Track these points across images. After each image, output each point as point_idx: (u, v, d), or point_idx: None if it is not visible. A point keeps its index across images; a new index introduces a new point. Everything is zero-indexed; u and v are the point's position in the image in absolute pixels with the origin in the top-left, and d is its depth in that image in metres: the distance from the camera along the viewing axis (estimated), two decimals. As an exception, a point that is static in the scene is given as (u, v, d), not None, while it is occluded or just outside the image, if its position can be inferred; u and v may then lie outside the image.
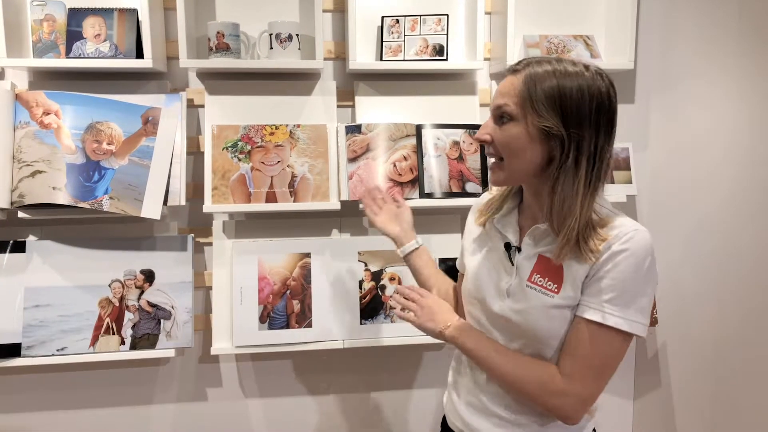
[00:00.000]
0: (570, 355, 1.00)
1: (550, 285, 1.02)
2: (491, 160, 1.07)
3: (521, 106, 0.99)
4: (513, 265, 1.08)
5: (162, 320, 1.69)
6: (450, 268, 1.42)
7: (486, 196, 1.23)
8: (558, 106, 0.97)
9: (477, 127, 1.81)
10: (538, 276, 1.04)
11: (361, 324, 1.78)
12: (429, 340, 1.79)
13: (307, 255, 1.78)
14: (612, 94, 1.00)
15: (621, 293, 0.96)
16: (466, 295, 1.17)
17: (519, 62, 1.03)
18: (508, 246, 1.10)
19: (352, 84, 1.82)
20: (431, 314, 1.14)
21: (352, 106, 1.83)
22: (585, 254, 0.98)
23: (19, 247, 1.67)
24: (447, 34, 1.76)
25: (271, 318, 1.74)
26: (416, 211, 1.81)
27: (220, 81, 1.76)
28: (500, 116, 1.02)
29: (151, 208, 1.61)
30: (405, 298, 1.19)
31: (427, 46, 1.76)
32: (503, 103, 1.01)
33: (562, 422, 1.03)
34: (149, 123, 1.65)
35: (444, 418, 1.29)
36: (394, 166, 1.74)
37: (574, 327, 1.00)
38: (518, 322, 1.04)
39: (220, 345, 1.74)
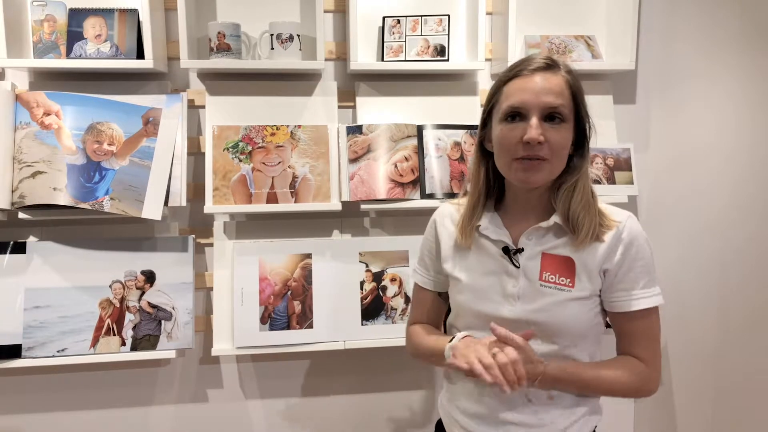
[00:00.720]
0: (643, 344, 1.08)
1: (563, 280, 1.04)
2: (530, 160, 1.00)
3: (570, 108, 1.03)
4: (518, 267, 1.07)
5: (163, 321, 1.69)
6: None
7: (453, 206, 1.19)
8: (584, 104, 1.05)
9: (478, 127, 1.80)
10: (549, 274, 1.05)
11: (362, 325, 1.78)
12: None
13: (308, 256, 1.78)
14: None
15: (648, 275, 1.06)
16: (466, 309, 1.12)
17: (548, 58, 1.04)
18: (506, 250, 1.08)
19: (353, 84, 1.82)
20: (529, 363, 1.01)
21: (353, 107, 1.83)
22: (596, 243, 1.04)
23: (20, 248, 1.66)
24: (448, 35, 1.76)
25: (272, 319, 1.73)
26: (417, 212, 1.82)
27: (220, 81, 1.75)
28: (551, 116, 1.00)
29: (152, 209, 1.61)
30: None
31: (428, 47, 1.76)
32: (559, 103, 1.00)
33: (647, 396, 1.11)
34: (150, 123, 1.65)
35: (438, 423, 1.27)
36: (396, 166, 1.73)
37: (629, 320, 1.07)
38: (538, 321, 1.04)
39: (221, 346, 1.74)
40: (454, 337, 1.09)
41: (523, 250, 1.07)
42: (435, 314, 1.26)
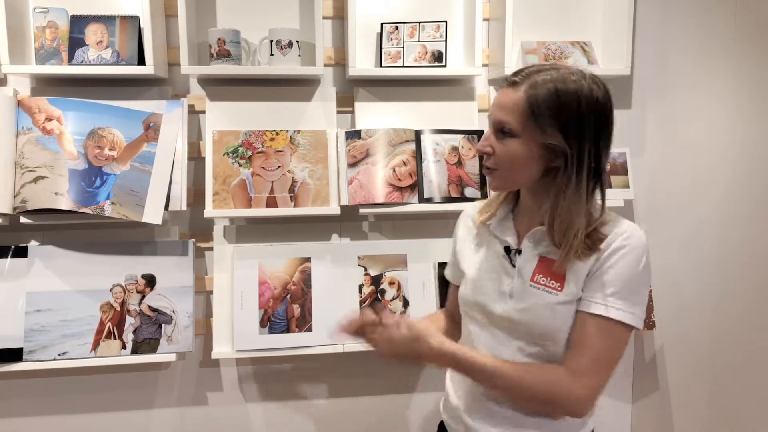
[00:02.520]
0: (576, 351, 1.02)
1: (552, 284, 1.05)
2: (487, 169, 1.09)
3: (523, 124, 1.01)
4: (514, 267, 1.09)
5: (163, 325, 1.70)
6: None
7: (477, 205, 1.25)
8: (560, 122, 0.99)
9: (476, 132, 1.82)
10: (541, 276, 1.06)
11: (360, 328, 1.79)
12: (428, 343, 1.80)
13: (308, 259, 1.79)
14: (609, 101, 1.03)
15: (623, 287, 1.00)
16: (465, 301, 1.18)
17: (517, 73, 1.04)
18: (508, 249, 1.12)
19: (352, 90, 1.84)
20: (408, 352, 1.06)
21: (352, 112, 1.85)
22: (587, 253, 1.02)
23: (21, 252, 1.68)
24: (446, 41, 1.78)
25: (271, 322, 1.75)
26: (415, 216, 1.84)
27: (221, 87, 1.77)
28: (501, 130, 1.04)
29: (153, 214, 1.62)
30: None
31: (426, 53, 1.78)
32: (505, 120, 1.02)
33: (571, 416, 1.05)
34: (150, 129, 1.67)
35: (441, 424, 1.29)
36: (394, 171, 1.75)
37: (578, 323, 1.03)
38: (523, 320, 1.06)
39: (221, 349, 1.75)
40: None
41: (521, 251, 1.10)
42: (451, 306, 1.34)
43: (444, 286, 1.82)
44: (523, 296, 1.07)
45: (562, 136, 1.00)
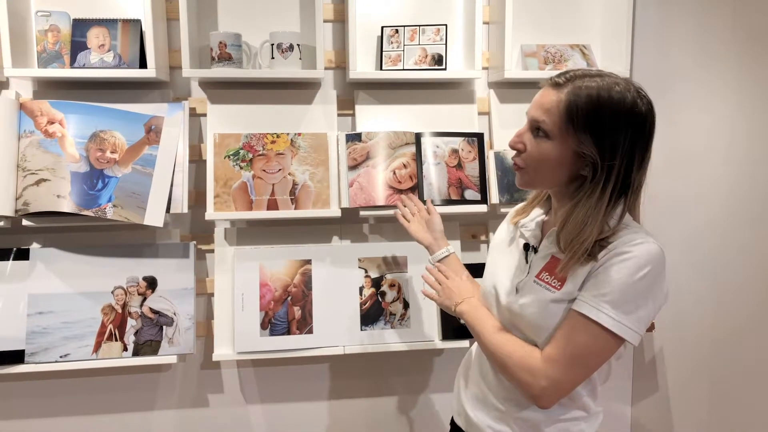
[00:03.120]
0: (554, 340, 1.02)
1: (554, 282, 1.06)
2: (515, 164, 1.09)
3: (559, 127, 1.00)
4: (527, 263, 1.12)
5: (164, 327, 1.71)
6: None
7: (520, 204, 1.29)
8: (596, 131, 0.97)
9: (475, 135, 1.83)
10: (546, 274, 1.07)
11: (361, 330, 1.80)
12: (428, 345, 1.81)
13: (308, 262, 1.80)
14: (651, 117, 1.00)
15: (615, 293, 0.96)
16: (484, 290, 1.22)
17: (562, 75, 1.02)
18: (527, 246, 1.15)
19: (353, 93, 1.85)
20: (449, 293, 1.25)
21: (353, 115, 1.86)
22: (587, 259, 1.01)
23: (23, 255, 1.68)
24: (446, 44, 1.78)
25: (272, 324, 1.75)
26: (416, 218, 1.84)
27: (222, 90, 1.78)
28: (536, 129, 1.03)
29: (154, 216, 1.63)
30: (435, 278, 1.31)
31: (426, 56, 1.79)
32: (542, 119, 1.01)
33: (532, 403, 1.05)
34: (152, 132, 1.68)
35: (453, 419, 1.32)
36: (394, 173, 1.76)
37: (566, 317, 1.02)
38: (518, 313, 1.09)
39: (222, 351, 1.75)
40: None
41: (537, 250, 1.12)
42: None
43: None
44: (526, 291, 1.09)
45: (596, 146, 0.97)
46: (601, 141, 0.97)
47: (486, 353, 1.14)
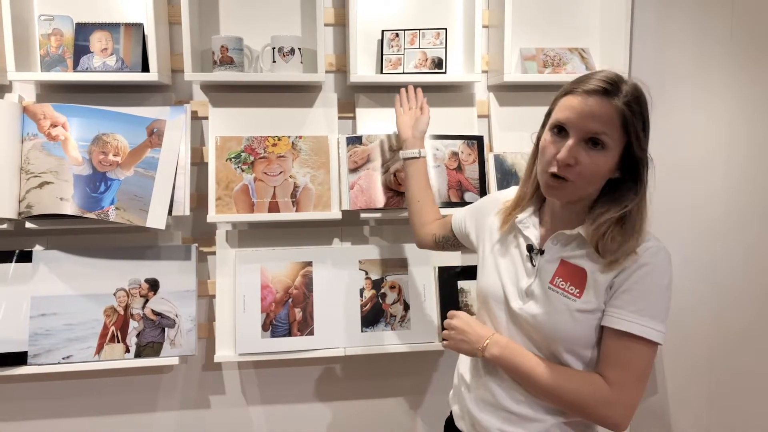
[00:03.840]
0: (613, 365, 1.02)
1: (572, 289, 1.05)
2: (556, 178, 1.04)
3: (617, 139, 1.00)
4: (534, 267, 1.10)
5: (166, 328, 1.72)
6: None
7: (509, 194, 1.25)
8: (645, 133, 1.01)
9: (475, 138, 1.84)
10: (561, 280, 1.06)
11: (362, 332, 1.81)
12: (428, 347, 1.82)
13: (309, 264, 1.81)
14: None
15: (644, 302, 1.01)
16: (486, 292, 1.18)
17: (609, 81, 0.99)
18: (530, 248, 1.12)
19: (353, 96, 1.86)
20: (465, 336, 1.16)
21: (353, 118, 1.87)
22: (614, 265, 1.02)
23: (26, 257, 1.69)
24: (446, 48, 1.80)
25: (273, 326, 1.76)
26: (416, 221, 1.85)
27: (223, 93, 1.79)
28: (592, 141, 1.00)
29: (156, 218, 1.64)
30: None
31: (426, 59, 1.80)
32: (602, 131, 0.99)
33: (609, 428, 1.04)
34: (154, 135, 1.69)
35: (447, 420, 1.31)
36: (394, 176, 1.77)
37: (609, 337, 1.03)
38: (540, 324, 1.07)
39: (223, 353, 1.77)
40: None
41: (544, 252, 1.10)
42: (440, 225, 1.47)
43: (443, 290, 1.85)
44: (542, 299, 1.08)
45: (642, 149, 1.01)
46: (646, 140, 1.02)
47: (541, 393, 1.08)
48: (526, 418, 1.10)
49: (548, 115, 1.09)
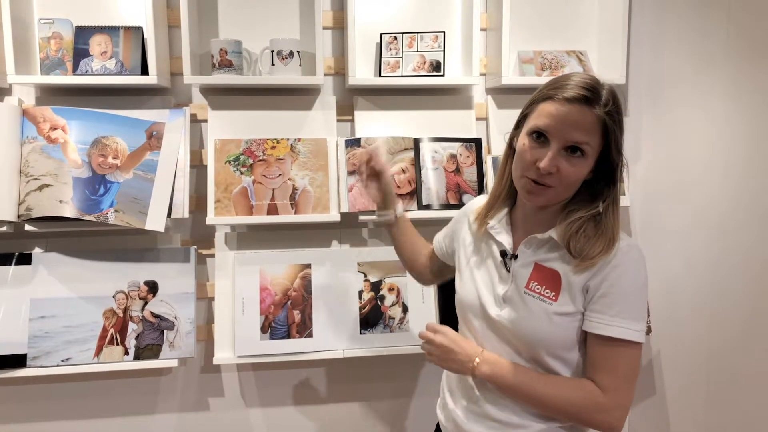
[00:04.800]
0: (602, 371, 1.03)
1: (547, 293, 1.05)
2: (536, 184, 1.04)
3: (596, 146, 1.01)
4: (509, 272, 1.10)
5: (165, 331, 1.72)
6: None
7: (479, 202, 1.25)
8: (621, 137, 1.03)
9: (473, 140, 1.85)
10: (536, 284, 1.07)
11: (360, 334, 1.81)
12: (427, 349, 1.82)
13: (308, 266, 1.81)
14: None
15: (623, 305, 1.01)
16: (464, 303, 1.18)
17: (592, 91, 0.99)
18: (503, 253, 1.12)
19: (352, 99, 1.87)
20: (447, 353, 1.12)
21: (352, 121, 1.87)
22: (587, 266, 1.03)
23: (25, 259, 1.70)
24: (444, 51, 1.80)
25: (272, 328, 1.77)
26: (414, 223, 1.86)
27: (222, 96, 1.80)
28: (572, 149, 1.00)
29: (155, 221, 1.64)
30: (425, 340, 1.17)
31: (425, 62, 1.81)
32: (584, 140, 0.99)
33: (598, 428, 1.05)
34: (153, 137, 1.69)
35: (436, 429, 1.31)
36: (393, 178, 1.77)
37: (594, 343, 1.04)
38: (518, 328, 1.07)
39: (222, 355, 1.77)
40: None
41: (517, 257, 1.10)
42: (428, 257, 1.46)
43: (443, 293, 1.85)
44: (517, 303, 1.08)
45: (620, 152, 1.03)
46: (622, 146, 1.03)
47: (536, 406, 1.07)
48: (512, 425, 1.10)
49: (524, 117, 1.09)
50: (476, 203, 1.26)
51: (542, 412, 1.08)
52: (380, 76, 1.81)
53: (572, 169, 1.01)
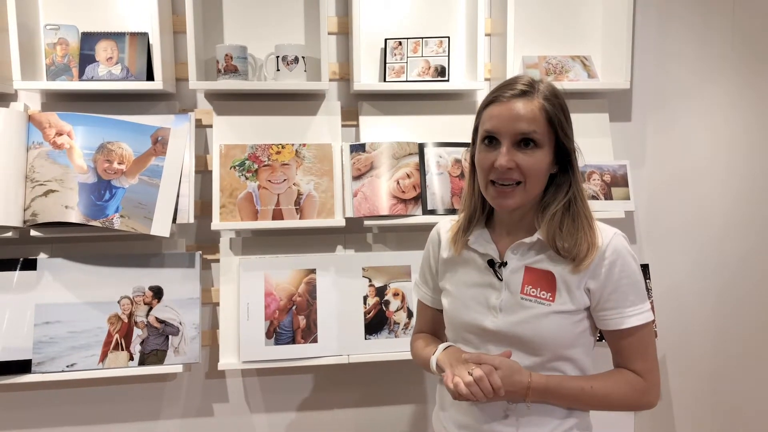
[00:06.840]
0: (636, 358, 1.09)
1: (543, 294, 1.07)
2: (505, 185, 1.05)
3: (547, 134, 1.04)
4: (501, 280, 1.10)
5: (170, 336, 1.72)
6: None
7: (447, 224, 1.23)
8: (569, 125, 1.07)
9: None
10: (531, 287, 1.07)
11: (365, 339, 1.81)
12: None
13: (313, 271, 1.81)
14: None
15: (635, 291, 1.07)
16: (454, 321, 1.16)
17: (526, 84, 1.05)
18: (491, 263, 1.12)
19: (357, 104, 1.87)
20: (499, 391, 1.02)
21: (357, 126, 1.88)
22: (581, 262, 1.05)
23: (30, 265, 1.70)
24: (448, 56, 1.81)
25: (277, 333, 1.76)
26: (419, 228, 1.86)
27: (227, 102, 1.80)
28: (524, 142, 1.03)
29: (161, 226, 1.64)
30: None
31: (429, 68, 1.81)
32: (530, 130, 1.03)
33: (646, 409, 1.12)
34: (159, 143, 1.70)
35: None
36: (398, 183, 1.78)
37: (620, 337, 1.08)
38: (518, 333, 1.07)
39: (227, 360, 1.76)
40: (437, 349, 1.16)
41: (506, 263, 1.10)
42: (437, 325, 1.31)
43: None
44: (515, 309, 1.08)
45: (571, 139, 1.07)
46: (570, 131, 1.07)
47: (593, 408, 1.12)
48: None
49: (475, 131, 1.12)
50: (443, 227, 1.25)
51: (598, 410, 1.11)
52: (385, 81, 1.82)
53: (530, 160, 1.04)
